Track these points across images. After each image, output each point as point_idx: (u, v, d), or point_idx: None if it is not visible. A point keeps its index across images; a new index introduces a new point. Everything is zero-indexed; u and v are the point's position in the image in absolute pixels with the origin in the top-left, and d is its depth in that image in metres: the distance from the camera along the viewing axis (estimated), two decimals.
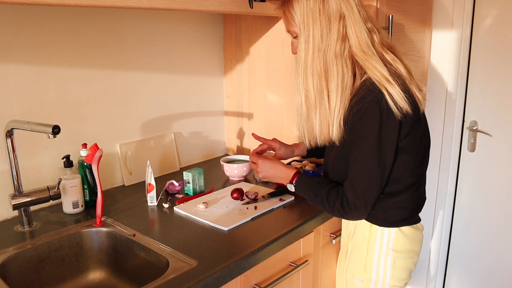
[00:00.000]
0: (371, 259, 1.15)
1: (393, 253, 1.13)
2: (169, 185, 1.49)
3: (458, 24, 1.87)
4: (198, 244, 1.12)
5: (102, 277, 1.23)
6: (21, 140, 1.28)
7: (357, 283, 1.19)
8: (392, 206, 1.11)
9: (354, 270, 1.20)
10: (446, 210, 2.08)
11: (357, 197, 1.05)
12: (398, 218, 1.12)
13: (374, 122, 0.99)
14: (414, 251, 1.16)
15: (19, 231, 1.21)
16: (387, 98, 0.98)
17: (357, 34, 1.04)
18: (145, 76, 1.62)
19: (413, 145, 1.06)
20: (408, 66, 1.08)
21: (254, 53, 1.80)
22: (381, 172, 1.03)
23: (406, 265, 1.16)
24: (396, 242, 1.13)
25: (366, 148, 1.02)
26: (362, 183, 1.04)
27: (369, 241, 1.15)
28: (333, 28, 1.03)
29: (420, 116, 1.06)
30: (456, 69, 1.92)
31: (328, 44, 1.04)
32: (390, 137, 1.01)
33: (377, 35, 1.07)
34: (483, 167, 1.97)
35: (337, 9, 1.03)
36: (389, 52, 1.07)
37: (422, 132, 1.09)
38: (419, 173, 1.12)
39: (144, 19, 1.57)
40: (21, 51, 1.27)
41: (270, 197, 1.41)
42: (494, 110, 1.90)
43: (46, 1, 0.91)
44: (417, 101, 1.04)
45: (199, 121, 1.88)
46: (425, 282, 2.20)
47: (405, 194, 1.11)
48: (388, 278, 1.14)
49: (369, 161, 1.02)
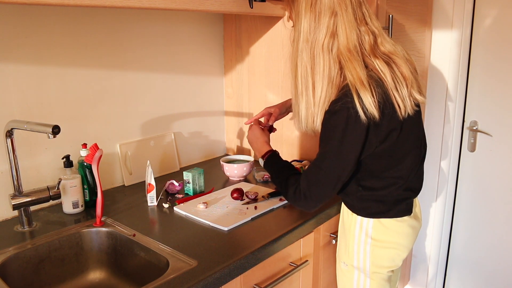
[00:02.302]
0: (352, 244, 1.18)
1: (371, 241, 1.15)
2: (169, 185, 1.49)
3: (458, 24, 1.87)
4: (198, 244, 1.12)
5: (102, 277, 1.23)
6: (21, 140, 1.28)
7: (343, 267, 1.24)
8: (369, 198, 1.14)
9: (341, 254, 1.25)
10: (446, 210, 2.09)
11: (308, 190, 1.09)
12: (375, 210, 1.14)
13: (338, 126, 1.01)
14: (397, 243, 1.16)
15: (19, 231, 1.21)
16: (356, 103, 0.98)
17: (347, 34, 1.04)
18: (145, 76, 1.62)
19: (390, 152, 1.07)
20: (404, 73, 1.07)
21: (254, 53, 1.80)
22: (336, 174, 1.06)
23: (387, 254, 1.16)
24: (375, 231, 1.15)
25: (327, 149, 1.05)
26: (316, 179, 1.08)
27: (350, 227, 1.19)
28: (322, 22, 1.05)
29: (397, 126, 1.05)
30: (456, 69, 1.92)
31: (316, 37, 1.06)
32: (353, 143, 1.02)
33: (370, 38, 1.06)
34: (483, 167, 1.97)
35: (330, 6, 1.04)
36: (380, 58, 1.06)
37: (402, 139, 1.07)
38: (401, 175, 1.12)
39: (144, 19, 1.58)
40: (21, 51, 1.27)
41: (270, 197, 1.41)
42: (494, 110, 1.90)
43: (46, 1, 0.91)
44: (397, 110, 1.03)
45: (199, 121, 1.88)
46: (425, 282, 2.21)
47: (383, 191, 1.12)
48: (368, 265, 1.17)
49: (328, 161, 1.05)
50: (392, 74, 1.05)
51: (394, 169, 1.10)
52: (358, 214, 1.16)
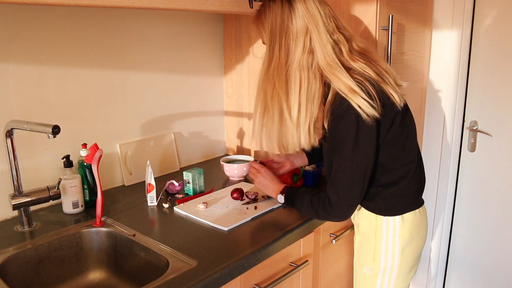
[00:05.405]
0: (379, 247, 1.19)
1: (399, 239, 1.17)
2: (169, 185, 1.49)
3: (458, 24, 1.87)
4: (198, 244, 1.12)
5: (102, 277, 1.23)
6: (21, 140, 1.28)
7: (366, 272, 1.24)
8: (392, 196, 1.16)
9: (363, 259, 1.25)
10: (446, 210, 2.08)
11: (339, 198, 1.10)
12: (400, 206, 1.17)
13: (351, 125, 1.04)
14: (420, 235, 1.22)
15: (19, 231, 1.21)
16: (356, 108, 1.03)
17: (322, 48, 1.07)
18: (145, 76, 1.62)
19: (396, 138, 1.12)
20: (383, 66, 1.12)
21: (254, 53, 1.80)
22: (361, 172, 1.08)
23: (413, 250, 1.21)
24: (402, 229, 1.17)
25: (346, 151, 1.06)
26: (343, 184, 1.09)
27: (376, 231, 1.19)
28: (299, 42, 1.08)
29: (398, 111, 1.10)
30: (456, 69, 1.92)
31: (292, 58, 1.08)
32: (369, 138, 1.06)
33: (345, 45, 1.10)
34: (483, 167, 1.97)
35: (302, 25, 1.07)
36: (358, 60, 1.10)
37: (404, 124, 1.13)
38: (410, 161, 1.17)
39: (144, 19, 1.58)
40: (21, 51, 1.27)
41: (270, 197, 1.41)
42: (494, 110, 1.90)
43: (46, 1, 0.91)
44: (393, 100, 1.08)
45: (199, 121, 1.88)
46: (425, 282, 2.20)
47: (402, 183, 1.16)
48: (396, 266, 1.19)
49: (349, 162, 1.07)
50: (375, 69, 1.09)
51: (402, 157, 1.14)
52: (384, 215, 1.17)
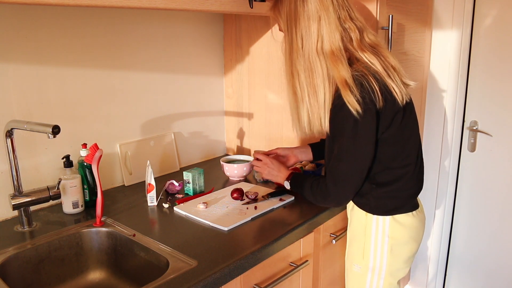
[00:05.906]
0: (369, 246, 1.19)
1: (389, 239, 1.16)
2: (169, 185, 1.49)
3: (458, 24, 1.87)
4: (198, 244, 1.12)
5: (102, 277, 1.23)
6: (21, 140, 1.28)
7: (355, 270, 1.24)
8: (383, 196, 1.16)
9: (353, 257, 1.25)
10: (446, 210, 2.09)
11: (336, 186, 1.11)
12: (390, 207, 1.16)
13: (349, 116, 1.05)
14: (411, 237, 1.19)
15: (19, 231, 1.21)
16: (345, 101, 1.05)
17: (330, 35, 1.08)
18: (145, 76, 1.62)
19: (395, 137, 1.11)
20: (392, 63, 1.13)
21: (254, 53, 1.80)
22: (359, 163, 1.09)
23: (403, 252, 1.19)
24: (392, 230, 1.16)
25: (344, 141, 1.08)
26: (341, 173, 1.10)
27: (366, 228, 1.19)
28: (312, 28, 1.09)
29: (399, 109, 1.10)
30: (456, 69, 1.92)
31: (309, 43, 1.09)
32: (367, 129, 1.06)
33: (356, 33, 1.11)
34: (483, 167, 1.97)
35: (315, 12, 1.08)
36: (367, 51, 1.11)
37: (405, 124, 1.12)
38: (408, 163, 1.16)
39: (144, 19, 1.57)
40: (21, 51, 1.27)
41: (270, 197, 1.41)
42: (494, 110, 1.90)
43: (46, 1, 0.91)
44: (395, 96, 1.08)
45: (199, 121, 1.88)
46: (425, 282, 2.20)
47: (396, 184, 1.15)
48: (384, 265, 1.18)
49: (347, 152, 1.08)
50: (382, 63, 1.10)
51: (401, 157, 1.14)
52: (374, 213, 1.17)
